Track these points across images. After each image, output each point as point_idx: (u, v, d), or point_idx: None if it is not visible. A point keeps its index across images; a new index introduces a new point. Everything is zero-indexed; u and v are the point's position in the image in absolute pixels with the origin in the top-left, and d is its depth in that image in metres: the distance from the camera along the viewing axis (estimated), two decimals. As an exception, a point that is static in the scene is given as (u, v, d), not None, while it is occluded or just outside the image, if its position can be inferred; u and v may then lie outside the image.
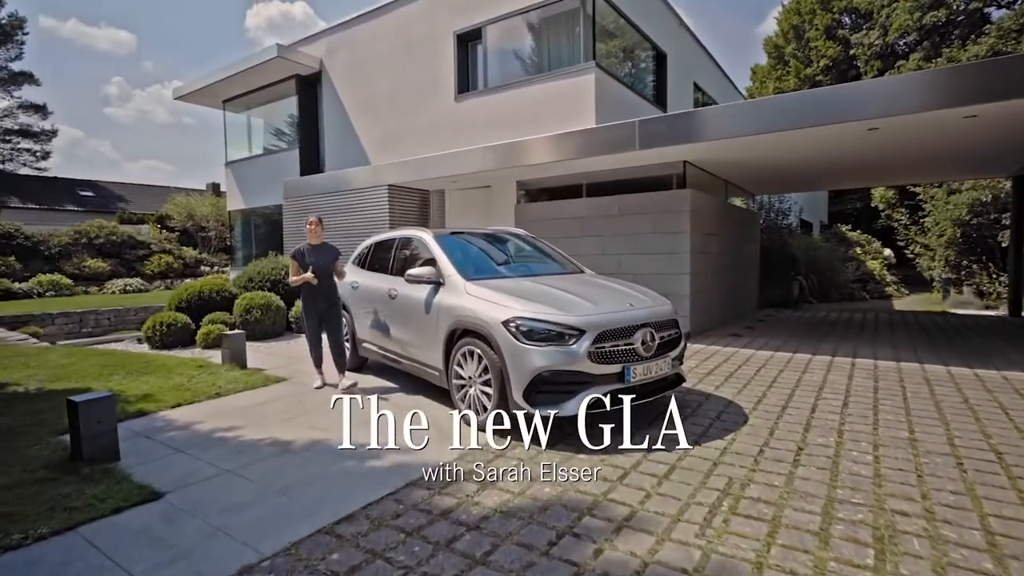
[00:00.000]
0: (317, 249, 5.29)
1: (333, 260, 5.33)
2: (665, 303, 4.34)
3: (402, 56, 11.03)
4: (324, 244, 5.36)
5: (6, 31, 30.66)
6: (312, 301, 5.29)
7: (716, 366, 5.98)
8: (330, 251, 5.36)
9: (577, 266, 5.35)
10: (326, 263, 5.26)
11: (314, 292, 5.23)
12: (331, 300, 5.34)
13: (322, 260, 5.24)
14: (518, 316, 3.74)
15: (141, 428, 4.27)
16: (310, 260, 5.19)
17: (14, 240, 18.48)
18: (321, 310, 5.31)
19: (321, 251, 5.30)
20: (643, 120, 7.02)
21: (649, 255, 7.93)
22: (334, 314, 5.36)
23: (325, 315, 5.32)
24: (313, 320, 5.33)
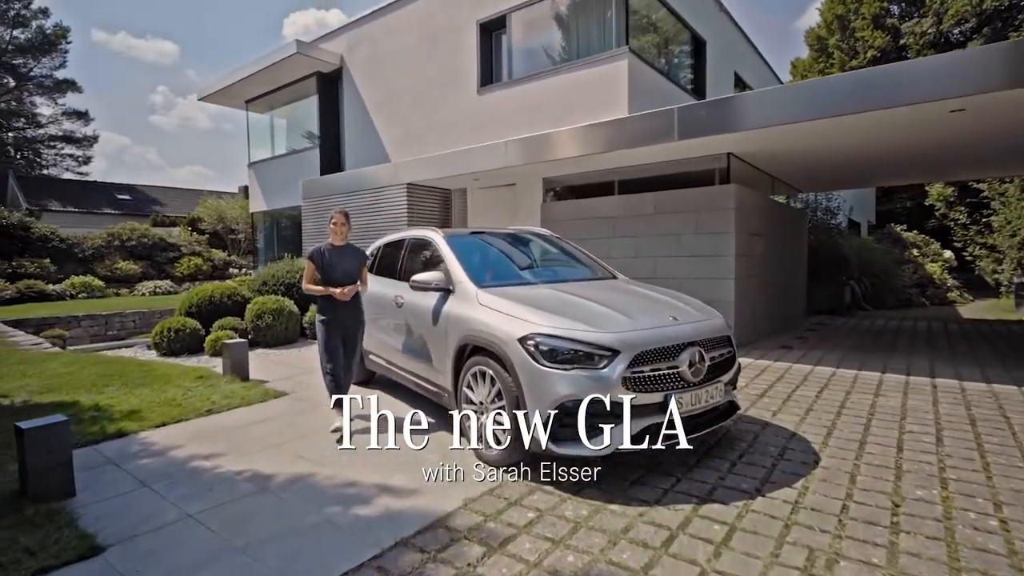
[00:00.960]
0: (340, 251, 4.28)
1: (359, 266, 4.34)
2: (715, 315, 3.63)
3: (423, 49, 10.54)
4: (348, 246, 4.33)
5: (51, 40, 31.75)
6: (335, 317, 4.22)
7: (769, 385, 5.20)
8: (355, 254, 4.34)
9: (609, 271, 4.67)
10: (350, 270, 4.26)
11: (337, 305, 4.22)
12: (357, 317, 4.35)
13: (345, 265, 4.25)
14: (538, 332, 3.09)
15: (115, 453, 3.80)
16: (331, 264, 4.21)
17: (50, 243, 18.80)
18: (347, 328, 4.27)
19: (344, 254, 4.29)
20: (683, 107, 6.29)
21: (688, 258, 7.17)
22: (356, 336, 4.39)
23: (347, 333, 4.28)
24: (335, 330, 4.23)
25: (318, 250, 4.29)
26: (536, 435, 3.01)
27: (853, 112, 5.19)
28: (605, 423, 2.96)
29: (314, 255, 4.27)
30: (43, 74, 32.17)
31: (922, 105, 4.94)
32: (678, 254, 7.27)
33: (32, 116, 32.40)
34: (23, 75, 31.80)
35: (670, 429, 3.04)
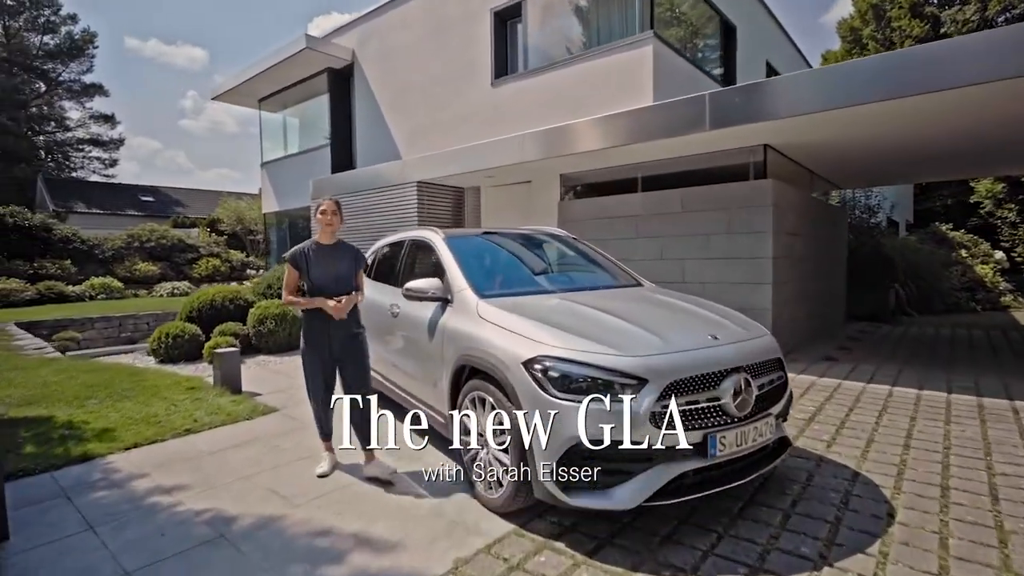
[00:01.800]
0: (330, 252, 3.38)
1: (353, 268, 3.45)
2: (762, 332, 3.03)
3: (435, 41, 10.06)
4: (341, 244, 3.46)
5: (78, 45, 32.32)
6: (320, 333, 3.33)
7: (818, 407, 4.55)
8: (350, 255, 3.46)
9: (633, 277, 4.08)
10: (344, 275, 3.37)
11: (328, 322, 3.32)
12: (351, 331, 3.39)
13: (337, 269, 3.36)
14: (547, 355, 2.54)
15: (72, 481, 3.38)
16: (319, 268, 3.32)
17: (71, 244, 18.91)
18: (336, 348, 3.37)
19: (336, 255, 3.39)
20: (715, 93, 5.66)
21: (720, 260, 6.52)
22: (357, 352, 3.42)
23: (344, 355, 3.39)
24: (320, 364, 3.37)
25: (301, 252, 3.35)
26: (544, 481, 2.46)
27: (912, 94, 4.51)
28: (629, 469, 2.40)
29: (296, 257, 3.33)
30: (71, 78, 32.80)
31: (987, 85, 4.24)
32: (708, 256, 6.63)
33: (61, 120, 33.04)
34: (53, 80, 32.45)
35: (710, 476, 2.47)
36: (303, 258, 3.36)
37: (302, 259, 3.36)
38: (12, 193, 27.50)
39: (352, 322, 3.45)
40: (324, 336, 3.36)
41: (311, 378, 3.43)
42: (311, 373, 3.42)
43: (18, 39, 30.77)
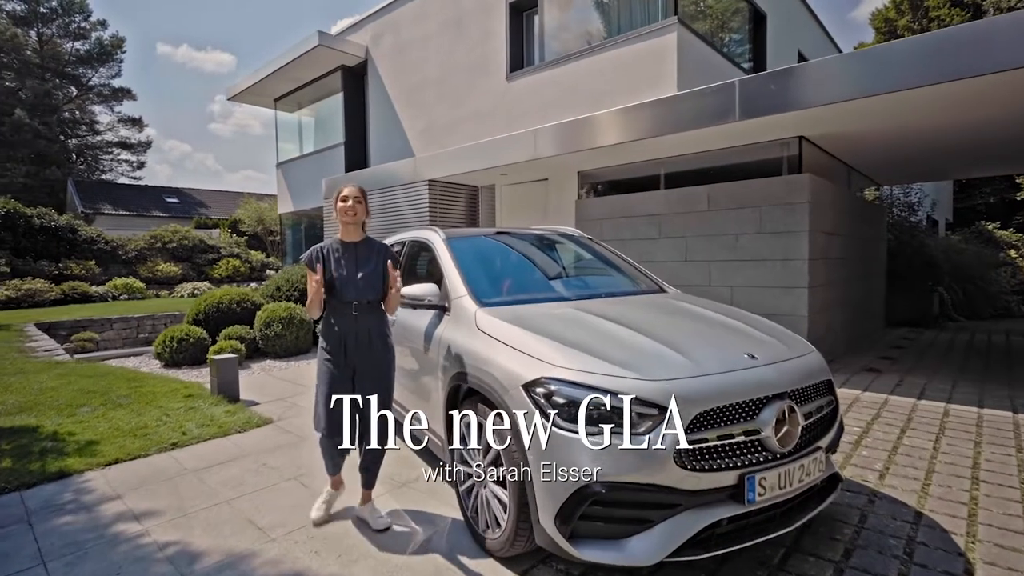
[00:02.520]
0: (356, 250, 2.75)
1: (379, 271, 2.74)
2: (807, 349, 2.59)
3: (448, 35, 9.74)
4: (368, 241, 2.81)
5: (108, 50, 33.03)
6: (339, 346, 2.69)
7: (864, 428, 4.06)
8: (377, 252, 2.78)
9: (655, 282, 3.66)
10: (371, 275, 2.71)
11: (346, 328, 2.69)
12: (376, 347, 2.73)
13: (363, 270, 2.71)
14: (551, 376, 2.15)
15: (40, 503, 3.12)
16: (344, 270, 2.69)
17: (95, 245, 19.17)
18: (359, 365, 2.70)
19: (361, 253, 2.75)
20: (746, 79, 5.19)
21: (749, 262, 6.03)
22: (382, 373, 2.76)
23: (365, 375, 2.71)
24: (340, 385, 2.69)
25: (318, 250, 2.73)
26: (547, 527, 2.07)
27: (973, 75, 3.99)
28: (649, 517, 1.99)
29: (315, 258, 2.70)
30: (101, 83, 33.53)
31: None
32: (737, 258, 6.14)
33: (91, 123, 33.80)
34: (84, 84, 33.22)
35: (747, 524, 2.06)
36: (321, 258, 2.70)
37: (319, 258, 2.70)
38: (44, 195, 28.22)
39: (377, 336, 2.75)
40: (340, 342, 2.69)
41: (327, 386, 2.70)
42: (329, 379, 2.71)
43: (51, 45, 31.58)
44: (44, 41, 31.51)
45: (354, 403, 2.63)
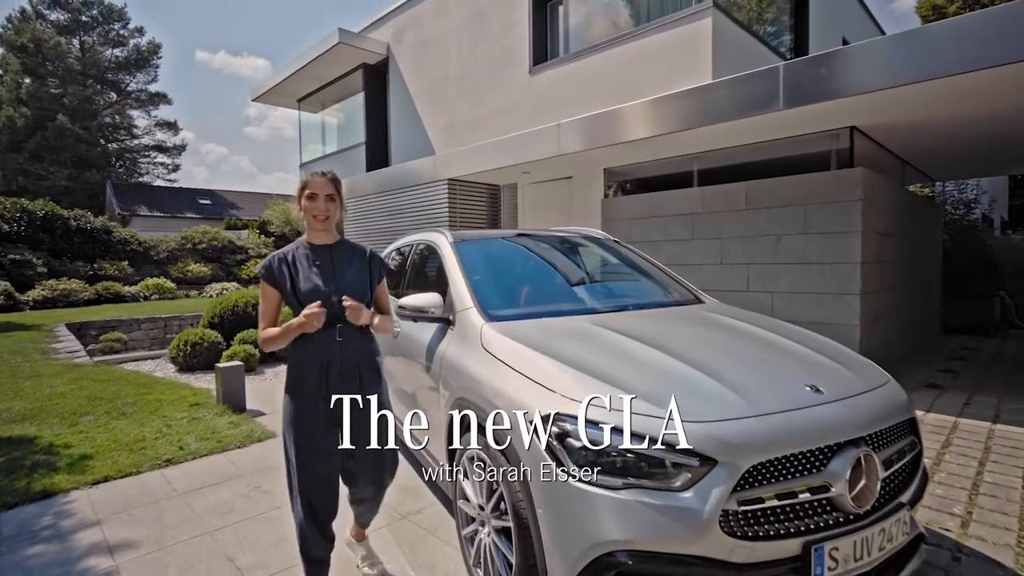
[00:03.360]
0: (324, 256, 2.16)
1: (366, 277, 2.20)
2: (883, 378, 2.13)
3: (470, 29, 9.41)
4: (343, 244, 2.23)
5: (145, 56, 33.94)
6: (317, 384, 2.07)
7: (935, 459, 3.52)
8: (356, 257, 2.22)
9: (690, 291, 3.22)
10: (350, 287, 2.12)
11: (327, 358, 2.08)
12: (367, 381, 2.16)
13: (337, 281, 2.12)
14: (566, 413, 1.76)
15: (15, 528, 2.90)
16: (308, 283, 2.09)
17: (128, 245, 19.56)
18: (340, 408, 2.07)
19: (334, 259, 2.16)
20: (791, 64, 4.68)
21: (793, 266, 5.50)
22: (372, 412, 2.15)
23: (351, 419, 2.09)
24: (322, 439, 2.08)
25: (280, 260, 2.12)
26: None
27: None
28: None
29: (272, 270, 2.08)
30: (139, 88, 34.49)
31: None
32: (778, 260, 5.62)
33: (129, 128, 34.80)
34: (122, 90, 34.22)
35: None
36: (280, 269, 2.08)
37: (280, 271, 2.07)
38: (85, 197, 29.13)
39: (364, 362, 2.15)
40: (317, 388, 2.04)
41: (297, 467, 2.05)
42: (298, 457, 2.04)
43: (92, 53, 32.62)
44: (86, 49, 32.58)
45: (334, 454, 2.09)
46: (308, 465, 2.04)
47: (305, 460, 2.04)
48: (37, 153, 28.62)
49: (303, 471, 2.05)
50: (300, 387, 2.09)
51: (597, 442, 1.67)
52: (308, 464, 2.04)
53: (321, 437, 2.06)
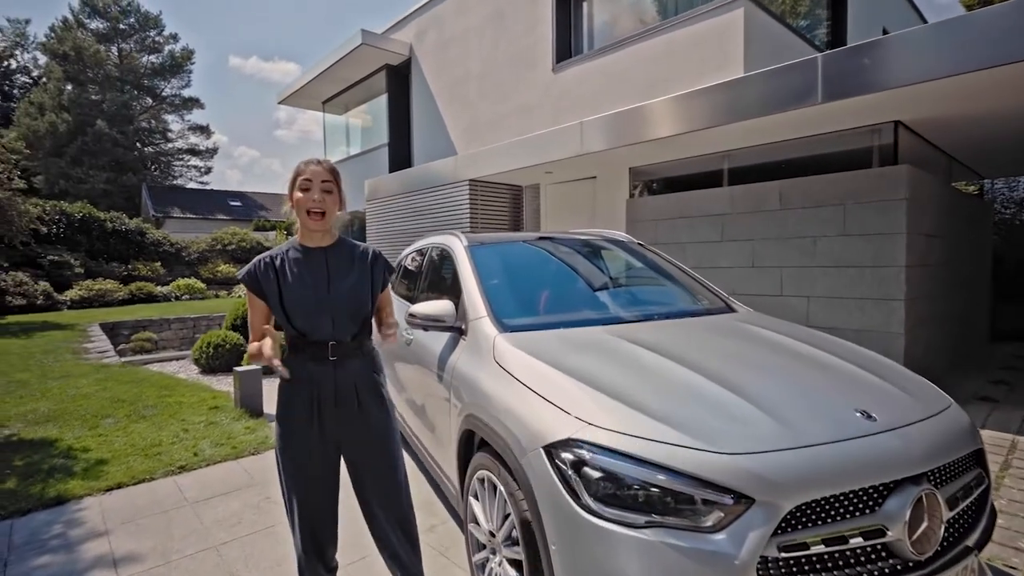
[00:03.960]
0: (317, 260, 1.88)
1: (367, 283, 1.92)
2: (943, 402, 1.89)
3: (492, 27, 9.28)
4: (342, 244, 1.96)
5: (178, 62, 34.87)
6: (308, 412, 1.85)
7: (994, 483, 3.19)
8: (357, 260, 1.94)
9: (721, 299, 3.00)
10: (353, 294, 1.88)
11: (319, 381, 1.84)
12: (369, 407, 1.91)
13: (334, 288, 1.86)
14: (583, 439, 1.58)
15: (25, 536, 2.87)
16: (297, 291, 1.82)
17: (161, 247, 20.07)
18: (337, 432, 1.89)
19: (330, 262, 1.89)
20: (831, 54, 4.40)
21: (831, 269, 5.19)
22: (382, 447, 1.94)
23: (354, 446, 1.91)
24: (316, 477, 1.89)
25: (264, 265, 1.85)
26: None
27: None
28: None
29: (255, 276, 1.83)
30: (173, 93, 35.46)
31: None
32: (814, 264, 5.31)
33: (164, 132, 35.81)
34: (157, 95, 35.24)
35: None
36: (269, 274, 1.82)
37: (267, 276, 1.82)
38: (122, 200, 30.09)
39: (364, 384, 1.90)
40: (307, 414, 1.83)
41: (290, 497, 1.87)
42: (290, 486, 1.87)
43: (129, 59, 33.69)
44: (123, 56, 33.66)
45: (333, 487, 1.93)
46: (300, 494, 1.87)
47: (296, 488, 1.87)
48: (77, 157, 29.67)
49: (296, 500, 1.87)
50: (288, 412, 1.86)
51: (617, 473, 1.50)
52: (300, 493, 1.87)
53: (312, 466, 1.86)
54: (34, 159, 29.00)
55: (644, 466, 1.48)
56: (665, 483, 1.44)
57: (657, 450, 1.49)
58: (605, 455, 1.53)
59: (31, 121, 28.86)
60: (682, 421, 1.57)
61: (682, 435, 1.51)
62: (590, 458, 1.54)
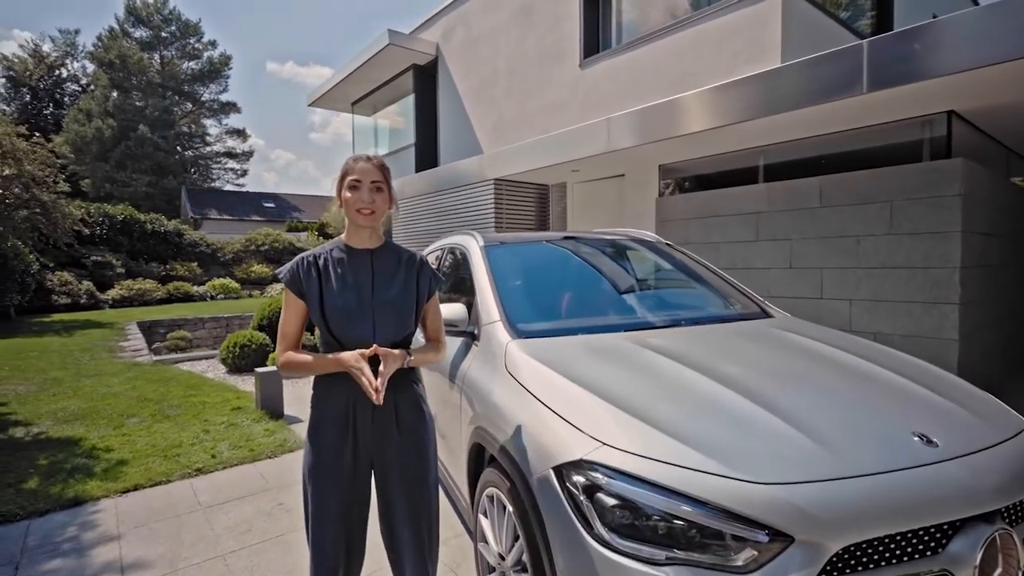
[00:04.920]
0: (368, 260, 1.74)
1: (413, 290, 1.76)
2: (1018, 424, 1.65)
3: (519, 24, 9.13)
4: (388, 247, 1.80)
5: (216, 68, 35.92)
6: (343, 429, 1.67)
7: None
8: (406, 265, 1.78)
9: (756, 303, 2.78)
10: (398, 303, 1.72)
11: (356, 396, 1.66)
12: (410, 426, 1.73)
13: (384, 295, 1.71)
14: (598, 462, 1.42)
15: (40, 538, 2.86)
16: (341, 296, 1.66)
17: (198, 248, 20.65)
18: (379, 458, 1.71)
19: (380, 266, 1.74)
20: (878, 40, 4.09)
21: (877, 271, 4.86)
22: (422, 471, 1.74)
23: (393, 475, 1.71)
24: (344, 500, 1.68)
25: (307, 264, 1.70)
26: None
27: None
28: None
29: (297, 276, 1.67)
30: (211, 98, 36.55)
31: None
32: (859, 265, 4.98)
33: (203, 136, 36.95)
34: (197, 100, 36.38)
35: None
36: (312, 274, 1.67)
37: (310, 277, 1.67)
38: (163, 202, 31.16)
39: (405, 403, 1.72)
40: (340, 436, 1.66)
41: (314, 527, 1.69)
42: (315, 514, 1.69)
43: (170, 66, 34.88)
44: (165, 62, 34.87)
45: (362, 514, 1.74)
46: (323, 531, 1.68)
47: (321, 521, 1.68)
48: (121, 161, 30.86)
49: (319, 533, 1.69)
50: (320, 433, 1.68)
51: (635, 501, 1.33)
52: (323, 529, 1.68)
53: (342, 495, 1.67)
54: (82, 163, 30.34)
55: (667, 494, 1.31)
56: (690, 515, 1.27)
57: (682, 476, 1.32)
58: (622, 480, 1.37)
59: (79, 127, 30.16)
60: (711, 444, 1.39)
61: (711, 460, 1.33)
62: (605, 483, 1.38)
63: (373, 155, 1.77)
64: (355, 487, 1.70)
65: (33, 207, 12.97)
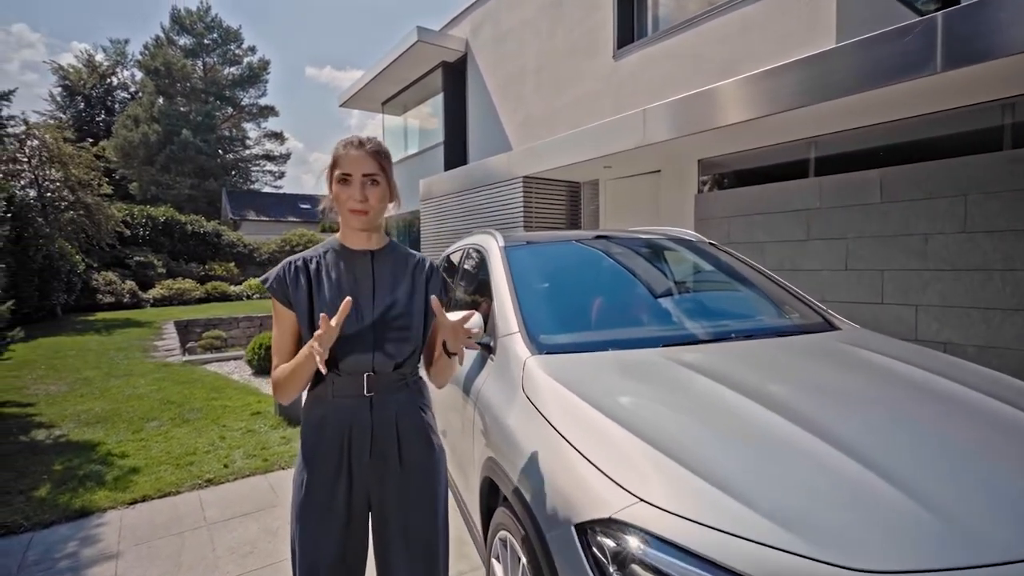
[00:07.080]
0: (367, 263, 1.47)
1: (417, 303, 1.48)
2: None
3: (548, 16, 8.82)
4: (391, 249, 1.53)
5: (256, 73, 36.81)
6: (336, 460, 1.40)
7: None
8: (412, 270, 1.52)
9: (816, 310, 2.39)
10: (401, 314, 1.45)
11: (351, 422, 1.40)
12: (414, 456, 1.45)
13: (383, 303, 1.45)
14: (632, 523, 1.11)
15: (39, 552, 2.74)
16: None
17: (235, 248, 21.11)
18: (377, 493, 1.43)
19: (380, 270, 1.48)
20: (953, 12, 3.61)
21: (948, 273, 4.34)
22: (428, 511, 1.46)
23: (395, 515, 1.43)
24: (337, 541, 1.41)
25: (295, 269, 1.45)
26: None
27: None
28: None
29: (283, 282, 1.43)
30: (251, 102, 37.49)
31: None
32: (926, 266, 4.47)
33: (243, 139, 37.94)
34: (237, 104, 37.38)
35: None
36: (301, 280, 1.43)
37: (297, 283, 1.42)
38: (205, 204, 32.11)
39: (408, 425, 1.45)
40: (335, 464, 1.40)
41: (297, 551, 1.44)
42: (298, 542, 1.43)
43: (212, 72, 35.93)
44: (207, 68, 35.96)
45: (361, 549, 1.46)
46: (312, 560, 1.42)
47: (311, 554, 1.42)
48: (166, 165, 31.95)
49: (306, 565, 1.42)
50: (312, 460, 1.41)
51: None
52: (312, 559, 1.42)
53: (336, 533, 1.41)
54: (129, 167, 31.56)
55: (722, 573, 0.99)
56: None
57: (748, 553, 0.99)
58: (664, 550, 1.05)
59: (127, 133, 31.37)
60: (787, 507, 1.06)
61: (785, 531, 1.01)
62: (641, 552, 1.07)
63: (369, 137, 1.47)
64: (350, 533, 1.43)
65: (78, 209, 13.42)
